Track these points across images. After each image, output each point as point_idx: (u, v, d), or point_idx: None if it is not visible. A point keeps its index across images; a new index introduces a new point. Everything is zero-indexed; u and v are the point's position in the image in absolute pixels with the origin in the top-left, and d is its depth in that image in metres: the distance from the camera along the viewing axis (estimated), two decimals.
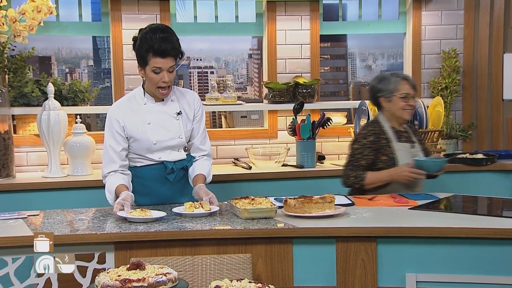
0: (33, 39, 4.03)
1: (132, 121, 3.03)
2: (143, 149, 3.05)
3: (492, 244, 2.58)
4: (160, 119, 3.05)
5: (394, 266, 2.63)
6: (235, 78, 6.05)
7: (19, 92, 4.06)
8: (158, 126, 3.04)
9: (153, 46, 2.87)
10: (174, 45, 2.90)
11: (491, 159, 4.22)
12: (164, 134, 3.05)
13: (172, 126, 3.07)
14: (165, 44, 2.87)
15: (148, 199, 3.09)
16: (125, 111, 3.05)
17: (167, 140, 3.06)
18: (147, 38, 2.89)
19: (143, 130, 3.02)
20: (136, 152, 3.07)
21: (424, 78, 4.66)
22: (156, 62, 2.89)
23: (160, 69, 2.90)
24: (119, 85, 4.29)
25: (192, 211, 2.81)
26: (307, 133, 4.15)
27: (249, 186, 3.95)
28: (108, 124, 3.05)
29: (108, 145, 3.05)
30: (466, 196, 3.32)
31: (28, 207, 3.32)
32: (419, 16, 4.60)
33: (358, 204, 3.05)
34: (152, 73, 2.92)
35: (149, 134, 3.02)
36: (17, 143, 4.09)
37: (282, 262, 2.63)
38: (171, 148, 3.08)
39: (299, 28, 4.50)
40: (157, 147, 3.04)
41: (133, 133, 3.02)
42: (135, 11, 4.27)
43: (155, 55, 2.88)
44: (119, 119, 3.02)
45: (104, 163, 3.08)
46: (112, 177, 3.02)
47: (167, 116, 3.07)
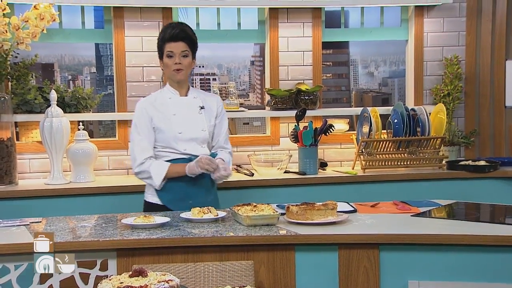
0: (36, 46, 4.04)
1: (158, 113, 3.23)
2: (169, 139, 3.21)
3: (495, 251, 2.58)
4: (184, 112, 3.26)
5: (396, 273, 2.63)
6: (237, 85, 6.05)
7: (22, 99, 4.06)
8: (182, 117, 3.24)
9: (166, 35, 3.20)
10: (184, 30, 3.21)
11: (494, 166, 4.21)
12: (188, 125, 3.23)
13: (195, 118, 3.27)
14: (176, 30, 3.19)
15: (173, 195, 3.20)
16: (152, 103, 3.26)
17: (191, 131, 3.23)
18: (163, 30, 3.25)
19: (169, 121, 3.22)
20: (162, 143, 3.22)
21: (426, 85, 4.66)
22: (169, 46, 3.18)
23: (172, 53, 3.18)
24: (122, 92, 4.30)
25: (201, 217, 2.83)
26: (309, 139, 4.15)
27: (251, 193, 3.95)
28: (137, 116, 3.26)
29: (137, 135, 3.22)
30: (469, 203, 3.32)
31: (31, 214, 3.32)
32: (421, 23, 4.61)
33: (360, 211, 3.05)
34: (167, 58, 3.20)
35: (174, 124, 3.21)
36: (19, 150, 4.09)
37: (284, 269, 2.63)
38: (195, 140, 3.24)
39: (301, 35, 4.50)
40: (181, 137, 3.21)
41: (159, 124, 3.21)
42: (137, 19, 4.28)
43: (168, 41, 3.18)
44: (148, 110, 3.23)
45: (135, 153, 3.21)
46: (154, 162, 3.18)
47: (191, 109, 3.28)
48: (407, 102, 4.74)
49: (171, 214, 3.01)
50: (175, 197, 3.20)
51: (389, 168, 4.27)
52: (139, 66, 4.31)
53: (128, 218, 2.85)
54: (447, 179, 4.18)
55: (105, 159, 4.27)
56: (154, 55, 4.32)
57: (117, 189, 3.88)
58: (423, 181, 4.16)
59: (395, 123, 4.31)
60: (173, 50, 3.17)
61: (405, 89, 4.82)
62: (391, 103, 5.97)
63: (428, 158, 4.30)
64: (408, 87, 4.76)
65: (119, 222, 2.86)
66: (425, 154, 4.30)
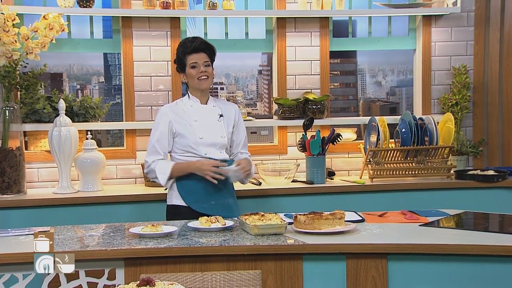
0: (45, 56, 4.06)
1: (181, 119, 3.37)
2: (190, 144, 3.34)
3: (504, 262, 2.56)
4: (205, 118, 3.40)
5: (404, 283, 2.62)
6: (245, 94, 6.06)
7: (31, 109, 4.09)
8: (203, 124, 3.38)
9: (187, 48, 3.36)
10: (203, 41, 3.40)
11: (502, 176, 4.19)
12: (209, 131, 3.38)
13: (215, 125, 3.41)
14: (195, 42, 3.36)
15: (195, 197, 3.31)
16: (175, 110, 3.41)
17: (212, 137, 3.37)
18: (183, 44, 3.41)
19: (191, 127, 3.35)
20: (183, 147, 3.36)
21: (434, 94, 4.65)
22: (192, 58, 3.34)
23: (196, 63, 3.33)
24: (130, 101, 4.32)
25: (209, 226, 2.84)
26: (317, 149, 4.14)
27: (259, 202, 3.95)
28: (158, 120, 3.40)
29: (155, 139, 3.36)
30: (477, 213, 3.30)
31: (39, 223, 3.34)
32: (429, 32, 4.61)
33: (368, 221, 3.04)
34: (190, 69, 3.35)
35: (196, 130, 3.35)
36: (28, 159, 4.11)
37: (292, 279, 2.62)
38: (215, 146, 3.37)
39: (309, 44, 4.51)
40: (202, 142, 3.34)
41: (181, 129, 3.35)
42: (146, 28, 4.30)
43: (190, 53, 3.34)
44: (170, 115, 3.37)
45: (146, 155, 3.40)
46: (162, 162, 3.35)
47: (211, 117, 3.42)
48: (415, 111, 4.73)
49: (179, 223, 3.01)
50: (198, 198, 3.31)
51: (397, 177, 4.26)
52: (147, 75, 4.33)
53: (135, 227, 2.86)
54: (455, 189, 4.16)
55: (113, 168, 4.28)
56: (162, 65, 4.35)
57: (125, 198, 3.89)
58: (431, 191, 4.15)
59: (403, 132, 4.30)
60: (197, 61, 3.33)
61: (413, 99, 4.82)
62: (399, 113, 5.94)
63: (436, 167, 4.28)
64: (416, 96, 4.75)
65: (127, 231, 2.86)
66: (433, 164, 4.29)
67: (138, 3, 4.23)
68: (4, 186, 3.88)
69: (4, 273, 2.53)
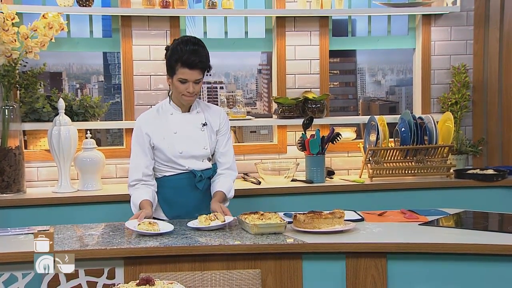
0: (44, 55, 4.06)
1: (159, 130, 3.13)
2: (169, 158, 3.13)
3: (503, 261, 2.56)
4: (186, 129, 3.15)
5: (404, 282, 2.62)
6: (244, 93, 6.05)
7: (30, 108, 4.09)
8: (184, 136, 3.14)
9: (182, 57, 2.98)
10: (202, 58, 3.01)
11: (502, 175, 4.19)
12: (190, 144, 3.14)
13: (197, 136, 3.17)
14: (194, 56, 2.98)
15: (176, 210, 3.17)
16: (151, 121, 3.16)
17: (193, 150, 3.15)
18: (178, 49, 3.00)
19: (170, 140, 3.12)
20: (162, 161, 3.15)
21: (433, 94, 4.65)
22: (183, 73, 2.99)
23: (186, 80, 3.01)
24: (129, 100, 4.31)
25: (209, 224, 2.83)
26: (316, 148, 4.14)
27: (258, 201, 3.95)
28: (135, 133, 3.16)
29: (134, 154, 3.15)
30: (477, 212, 3.30)
31: (39, 222, 3.33)
32: (429, 31, 4.61)
33: (368, 220, 3.04)
34: (178, 83, 3.03)
35: (175, 143, 3.12)
36: (27, 159, 4.11)
37: (292, 278, 2.62)
38: (196, 158, 3.16)
39: (309, 43, 4.51)
40: (182, 157, 3.13)
41: (159, 142, 3.12)
42: (145, 27, 4.30)
43: (183, 66, 2.98)
44: (145, 129, 3.12)
45: (129, 171, 3.18)
46: (138, 190, 3.10)
47: (193, 127, 3.17)
48: (414, 110, 4.73)
49: (178, 222, 3.01)
50: (181, 212, 3.17)
51: (397, 176, 4.26)
52: (147, 74, 4.33)
53: (131, 221, 2.83)
54: (455, 188, 4.16)
55: (112, 168, 4.28)
56: (162, 64, 4.33)
57: (124, 198, 3.86)
58: (431, 190, 4.15)
59: (403, 131, 4.30)
60: (187, 78, 3.00)
61: (413, 98, 4.82)
62: (399, 112, 5.96)
63: (435, 166, 4.28)
64: (415, 95, 4.75)
65: (126, 230, 2.86)
66: (433, 163, 4.29)
67: (138, 2, 4.22)
68: (3, 185, 3.88)
69: (4, 272, 2.53)
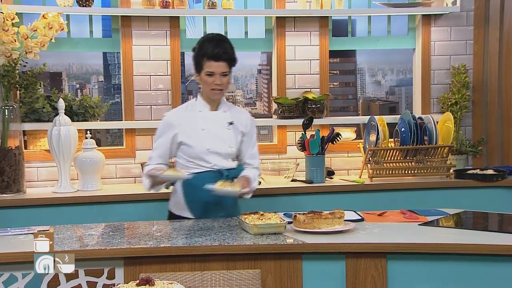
0: (44, 55, 4.06)
1: (187, 126, 3.21)
2: (196, 154, 3.19)
3: (503, 261, 2.56)
4: (213, 127, 3.23)
5: (404, 282, 2.62)
6: (244, 93, 6.06)
7: (30, 108, 4.09)
8: (211, 133, 3.22)
9: (207, 51, 3.10)
10: (226, 50, 3.13)
11: (502, 175, 4.19)
12: (216, 141, 3.21)
13: (224, 135, 3.24)
14: (218, 48, 3.10)
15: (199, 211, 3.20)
16: (181, 116, 3.25)
17: (219, 147, 3.21)
18: (203, 46, 3.14)
19: (197, 136, 3.20)
20: (189, 157, 3.21)
21: (433, 94, 4.65)
22: (210, 66, 3.11)
23: (213, 73, 3.11)
24: (129, 100, 4.31)
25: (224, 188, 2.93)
26: (316, 148, 4.15)
27: (258, 201, 3.94)
28: (162, 127, 3.26)
29: (155, 145, 3.26)
30: (477, 212, 3.30)
31: (39, 222, 3.33)
32: (428, 31, 4.61)
33: (368, 220, 3.04)
34: (206, 77, 3.13)
35: (203, 140, 3.20)
36: (27, 159, 4.11)
37: (292, 278, 2.62)
38: (222, 156, 3.22)
39: (309, 43, 4.51)
40: (209, 153, 3.19)
41: (187, 138, 3.19)
42: (145, 28, 4.30)
43: (209, 59, 3.10)
44: (175, 127, 3.20)
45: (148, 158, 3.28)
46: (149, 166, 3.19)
47: (220, 125, 3.25)
48: (414, 110, 4.73)
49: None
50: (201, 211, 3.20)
51: (397, 176, 4.26)
52: (147, 74, 4.33)
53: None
54: (454, 188, 4.16)
55: (112, 168, 4.28)
56: (162, 64, 4.35)
57: (124, 198, 3.89)
58: (431, 190, 4.15)
59: (402, 131, 4.30)
60: (213, 71, 3.11)
61: (412, 98, 4.82)
62: (398, 112, 5.96)
63: (435, 167, 4.28)
64: (415, 95, 4.75)
65: (127, 230, 2.86)
66: (433, 163, 4.29)
67: (138, 2, 4.22)
68: (3, 185, 3.88)
69: (4, 272, 2.53)
